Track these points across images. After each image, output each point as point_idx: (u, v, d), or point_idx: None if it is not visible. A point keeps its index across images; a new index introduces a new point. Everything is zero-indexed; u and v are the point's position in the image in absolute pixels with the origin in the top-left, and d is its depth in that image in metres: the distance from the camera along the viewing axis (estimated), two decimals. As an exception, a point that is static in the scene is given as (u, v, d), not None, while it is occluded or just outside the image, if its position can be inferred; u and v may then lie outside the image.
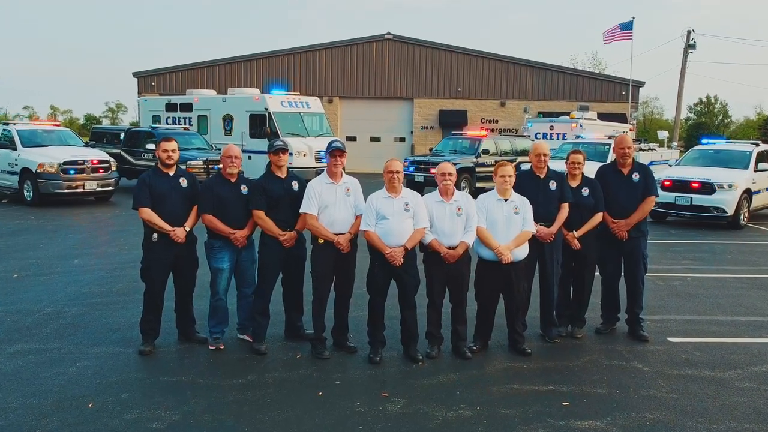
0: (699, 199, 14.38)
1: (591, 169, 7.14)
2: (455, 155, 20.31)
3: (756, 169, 15.12)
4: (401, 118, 32.93)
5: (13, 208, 15.91)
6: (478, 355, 6.18)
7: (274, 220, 6.07)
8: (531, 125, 24.83)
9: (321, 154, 15.66)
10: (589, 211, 6.58)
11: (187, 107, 23.73)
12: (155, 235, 6.03)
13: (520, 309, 6.31)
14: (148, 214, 5.99)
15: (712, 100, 63.37)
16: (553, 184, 6.47)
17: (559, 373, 5.80)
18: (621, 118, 29.99)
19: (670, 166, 17.96)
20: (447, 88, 32.54)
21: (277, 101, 21.13)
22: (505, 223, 6.07)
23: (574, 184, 6.64)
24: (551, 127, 23.68)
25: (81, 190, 16.35)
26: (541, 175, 6.52)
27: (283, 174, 6.20)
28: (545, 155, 6.52)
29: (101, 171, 16.74)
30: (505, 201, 6.13)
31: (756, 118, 60.12)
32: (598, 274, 6.93)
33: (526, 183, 6.48)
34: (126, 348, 6.19)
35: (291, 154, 14.76)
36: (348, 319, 6.30)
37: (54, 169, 15.87)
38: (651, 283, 8.53)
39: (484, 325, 6.34)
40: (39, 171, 15.81)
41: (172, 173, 6.17)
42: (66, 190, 16.06)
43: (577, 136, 20.58)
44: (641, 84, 33.68)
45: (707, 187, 14.33)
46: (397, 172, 5.91)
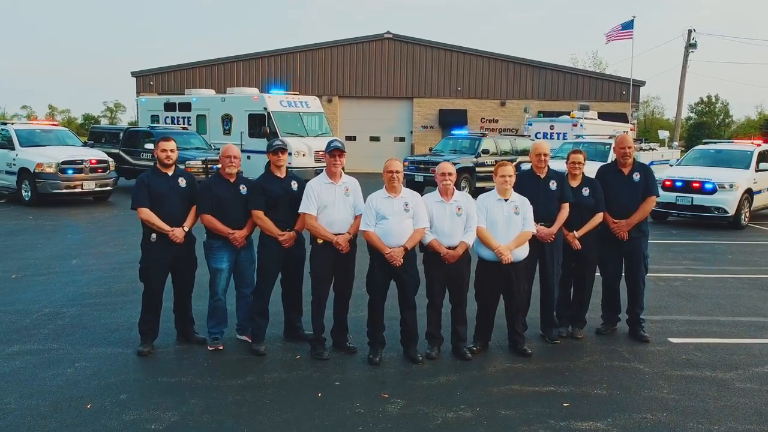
0: (700, 199, 14.35)
1: (591, 168, 7.11)
2: (455, 155, 20.30)
3: (757, 169, 15.08)
4: (401, 117, 32.90)
5: (11, 208, 15.89)
6: (478, 356, 6.16)
7: (274, 220, 6.05)
8: (531, 125, 24.82)
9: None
10: (589, 211, 6.56)
11: (185, 107, 23.71)
12: (154, 235, 6.01)
13: (520, 309, 6.29)
14: (147, 214, 5.97)
15: (713, 100, 63.15)
16: (553, 184, 6.45)
17: (560, 373, 5.78)
18: (622, 117, 30.00)
19: (671, 165, 17.93)
20: (447, 88, 32.51)
21: (276, 101, 21.10)
22: (505, 224, 6.05)
23: (574, 184, 6.62)
24: (551, 127, 23.67)
25: (79, 190, 16.32)
26: (542, 175, 6.50)
27: (282, 174, 6.18)
28: (545, 155, 6.50)
29: (100, 171, 16.71)
30: (506, 201, 6.11)
31: (757, 118, 60.03)
32: (598, 274, 6.91)
33: (527, 183, 6.46)
34: (125, 349, 6.17)
35: (290, 154, 14.71)
36: (347, 319, 6.28)
37: (52, 169, 15.84)
38: (652, 284, 8.50)
39: (484, 326, 6.32)
40: (37, 171, 15.78)
41: (170, 173, 6.15)
42: (64, 190, 16.03)
43: (578, 136, 20.57)
44: (642, 83, 33.68)
45: (708, 187, 14.30)
46: (396, 172, 5.89)
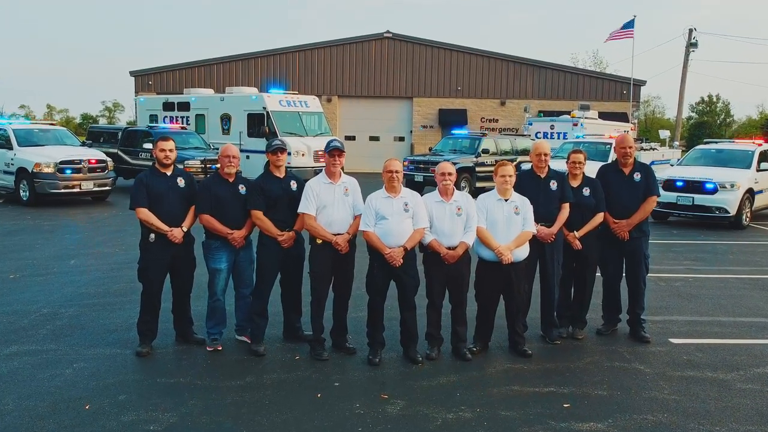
0: (701, 199, 14.31)
1: (592, 168, 7.09)
2: (455, 155, 20.26)
3: (758, 169, 15.03)
4: (400, 117, 32.86)
5: (9, 208, 15.85)
6: (478, 357, 6.14)
7: (273, 221, 6.03)
8: (531, 124, 24.79)
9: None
10: (590, 211, 6.54)
11: (184, 106, 23.67)
12: (152, 235, 5.99)
13: (520, 310, 6.27)
14: (145, 214, 5.95)
15: (714, 99, 63.08)
16: (553, 184, 6.43)
17: (560, 374, 5.77)
18: (622, 117, 29.97)
19: (672, 165, 17.90)
20: (447, 87, 32.47)
21: (275, 100, 21.08)
22: (505, 224, 6.03)
23: (575, 183, 6.60)
24: (552, 127, 23.65)
25: (78, 190, 16.27)
26: (542, 175, 6.48)
27: (281, 174, 6.16)
28: (546, 155, 6.49)
29: (98, 171, 16.66)
30: (506, 201, 6.09)
31: (758, 117, 59.97)
32: (599, 274, 6.89)
33: (527, 183, 6.44)
34: (123, 349, 6.15)
35: (289, 154, 14.70)
36: (347, 320, 6.26)
37: (50, 169, 15.78)
38: (652, 284, 8.48)
39: (485, 326, 6.30)
40: (35, 171, 15.73)
41: (169, 173, 6.13)
42: (62, 190, 15.98)
43: (578, 135, 20.54)
44: (642, 83, 33.61)
45: (709, 187, 14.26)
46: (396, 172, 5.87)
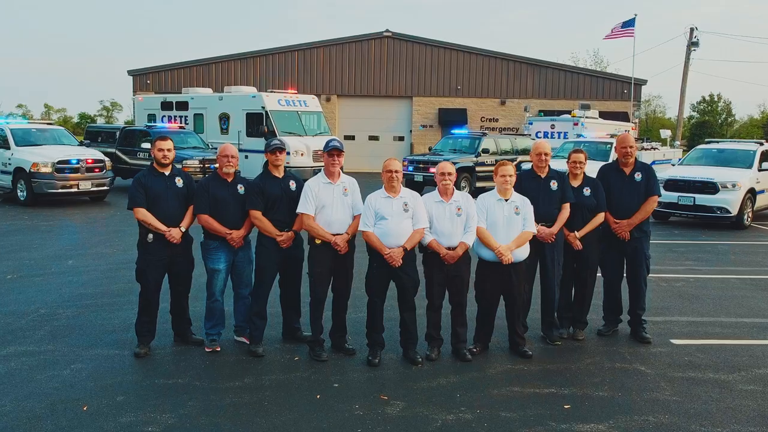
0: (702, 199, 14.27)
1: (593, 168, 7.07)
2: (455, 154, 20.23)
3: (760, 169, 14.99)
4: (400, 116, 32.84)
5: (6, 208, 15.79)
6: (479, 357, 6.12)
7: (272, 221, 6.01)
8: (532, 124, 24.76)
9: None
10: (590, 211, 6.52)
11: (183, 106, 23.62)
12: (150, 235, 5.97)
13: (520, 310, 6.25)
14: (143, 214, 5.93)
15: (716, 99, 63.03)
16: (554, 184, 6.41)
17: (561, 375, 5.75)
18: (623, 116, 29.94)
19: (673, 165, 17.86)
20: (446, 87, 32.44)
21: (274, 100, 21.05)
22: (505, 224, 6.01)
23: (575, 183, 6.58)
24: (552, 126, 23.62)
25: (75, 189, 16.20)
26: (542, 175, 6.46)
27: (280, 173, 6.14)
28: (546, 154, 6.47)
29: (96, 170, 16.59)
30: (506, 201, 6.06)
31: (760, 117, 59.94)
32: (599, 275, 6.87)
33: (527, 183, 6.42)
34: (121, 350, 6.13)
35: (288, 154, 14.67)
36: (346, 320, 6.24)
37: (48, 169, 15.71)
38: (653, 284, 8.48)
39: (485, 327, 6.27)
40: (33, 170, 15.65)
41: (167, 173, 6.12)
42: (60, 190, 15.92)
43: (578, 135, 20.51)
44: (643, 82, 33.54)
45: (710, 187, 14.23)
46: (395, 172, 5.85)
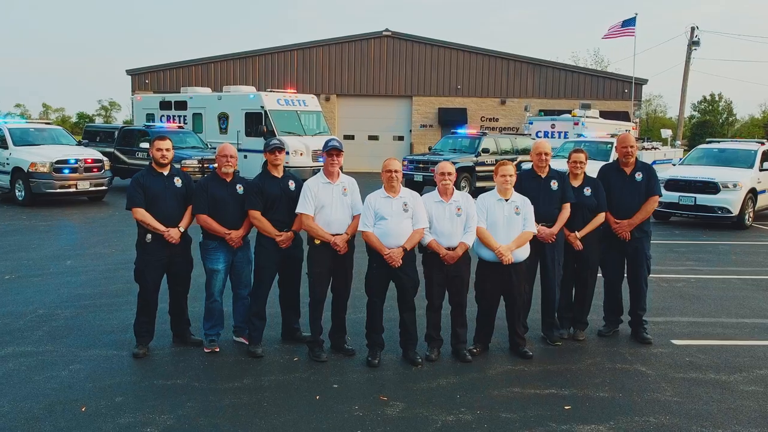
0: (703, 198, 14.24)
1: (593, 168, 7.05)
2: (455, 154, 20.20)
3: (761, 168, 14.95)
4: (400, 116, 32.81)
5: (4, 208, 15.75)
6: (479, 358, 6.10)
7: (271, 221, 5.99)
8: (532, 123, 24.72)
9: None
10: (591, 212, 6.50)
11: (181, 105, 23.58)
12: (149, 235, 5.95)
13: (521, 311, 6.23)
14: (142, 214, 5.91)
15: (717, 98, 62.96)
16: (554, 184, 6.39)
17: (561, 376, 5.73)
18: (624, 116, 29.91)
19: (674, 165, 17.82)
20: (446, 86, 32.40)
21: (273, 99, 21.01)
22: (505, 224, 5.98)
23: (576, 183, 6.56)
24: (552, 126, 23.59)
25: (74, 189, 16.16)
26: (543, 175, 6.44)
27: (279, 173, 6.12)
28: (546, 154, 6.45)
29: (94, 170, 16.55)
30: (506, 201, 6.04)
31: (761, 117, 59.90)
32: (600, 275, 6.85)
33: (527, 182, 6.40)
34: (120, 351, 6.11)
35: (287, 153, 14.64)
36: (346, 321, 6.22)
37: (46, 169, 15.68)
38: (654, 285, 8.47)
39: (485, 328, 6.25)
40: (31, 170, 15.62)
41: (166, 173, 6.10)
42: (58, 190, 15.88)
43: (579, 135, 20.48)
44: (644, 81, 33.46)
45: (711, 187, 14.19)
46: (395, 172, 5.83)
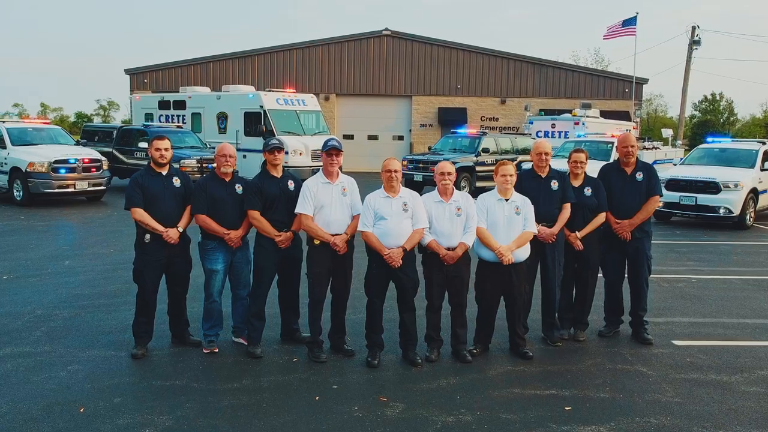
0: (704, 198, 14.21)
1: (594, 168, 7.03)
2: (455, 154, 20.17)
3: (762, 168, 14.92)
4: (399, 115, 32.78)
5: (2, 208, 15.68)
6: (479, 359, 6.08)
7: (270, 221, 5.97)
8: (532, 123, 24.70)
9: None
10: (591, 212, 6.48)
11: (180, 105, 23.55)
12: (148, 235, 5.93)
13: (521, 311, 6.21)
14: (141, 214, 5.89)
15: (718, 98, 62.87)
16: (554, 184, 6.37)
17: (562, 376, 5.71)
18: (624, 115, 29.88)
19: (675, 165, 17.80)
20: (446, 85, 32.37)
21: (272, 99, 20.99)
22: (505, 224, 5.97)
23: (576, 183, 6.54)
24: (553, 125, 23.58)
25: (72, 189, 16.12)
26: (543, 175, 6.42)
27: (278, 173, 6.10)
28: (547, 154, 6.43)
29: (93, 170, 16.50)
30: (506, 201, 6.02)
31: (762, 116, 59.88)
32: (600, 275, 6.83)
33: (528, 182, 6.39)
34: (118, 351, 6.09)
35: (287, 153, 14.62)
36: (345, 321, 6.20)
37: (44, 168, 15.62)
38: (655, 285, 8.46)
39: (485, 328, 6.24)
40: (29, 170, 15.57)
41: (164, 172, 6.08)
42: (56, 190, 15.83)
43: (579, 135, 20.46)
44: (645, 81, 33.39)
45: (712, 187, 14.17)
46: (395, 171, 5.81)
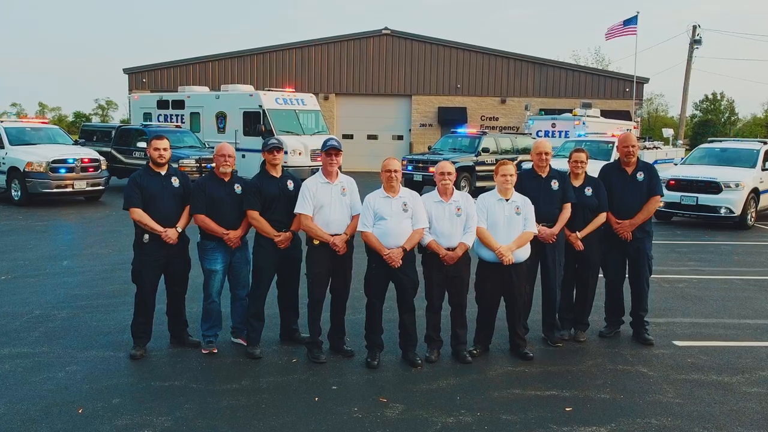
0: (705, 198, 14.19)
1: (594, 168, 7.02)
2: (454, 153, 20.14)
3: (764, 168, 14.89)
4: (399, 115, 32.77)
5: (0, 208, 15.66)
6: (479, 359, 6.07)
7: (269, 221, 5.95)
8: (532, 123, 24.68)
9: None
10: (592, 212, 6.46)
11: (179, 104, 23.53)
12: (146, 236, 5.92)
13: (521, 312, 6.19)
14: (139, 214, 5.88)
15: (719, 97, 62.87)
16: (555, 184, 6.36)
17: (562, 377, 5.70)
18: (625, 115, 29.87)
19: (676, 164, 17.79)
20: (446, 85, 32.36)
21: (271, 98, 20.95)
22: (506, 224, 5.95)
23: (576, 183, 6.53)
24: (553, 125, 23.56)
25: (70, 189, 16.08)
26: (543, 174, 6.41)
27: (278, 173, 6.09)
28: (547, 154, 6.41)
29: (91, 170, 16.46)
30: (506, 201, 6.01)
31: (763, 116, 59.86)
32: (601, 275, 6.81)
33: (528, 182, 6.37)
34: (117, 352, 6.08)
35: (286, 153, 14.60)
36: (345, 322, 6.19)
37: (42, 168, 15.58)
38: (656, 285, 8.44)
39: (485, 329, 6.22)
40: (27, 170, 15.54)
41: (163, 172, 6.07)
42: (55, 190, 15.79)
43: (579, 135, 20.46)
44: (645, 80, 33.36)
45: (713, 187, 14.14)
46: (394, 171, 5.80)
